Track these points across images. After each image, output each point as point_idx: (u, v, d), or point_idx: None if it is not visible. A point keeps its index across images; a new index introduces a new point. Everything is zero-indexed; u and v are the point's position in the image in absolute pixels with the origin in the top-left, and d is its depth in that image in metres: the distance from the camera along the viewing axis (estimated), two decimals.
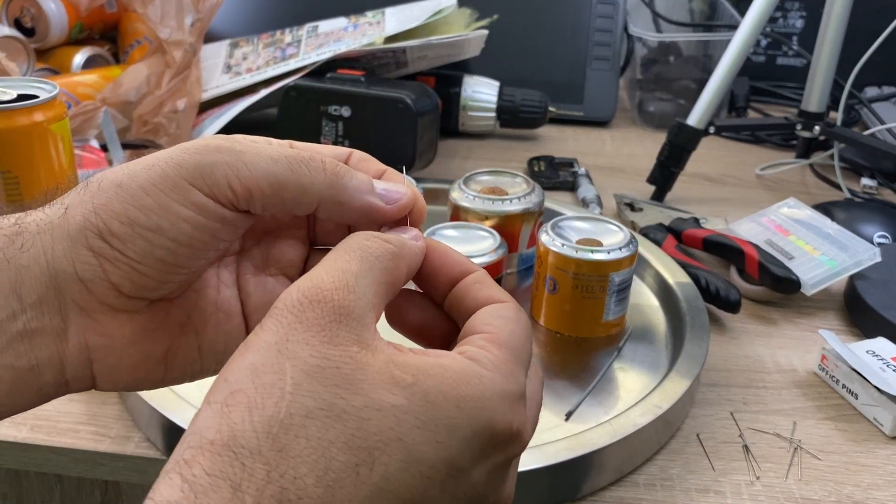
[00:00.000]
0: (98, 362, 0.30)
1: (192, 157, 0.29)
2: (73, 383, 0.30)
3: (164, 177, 0.29)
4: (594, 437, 0.45)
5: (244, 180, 0.29)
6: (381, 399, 0.25)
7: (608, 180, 0.87)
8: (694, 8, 1.13)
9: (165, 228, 0.28)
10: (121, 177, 0.29)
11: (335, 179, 0.30)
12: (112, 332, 0.30)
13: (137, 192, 0.28)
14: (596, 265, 0.55)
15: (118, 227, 0.28)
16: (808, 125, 0.84)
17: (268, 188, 0.29)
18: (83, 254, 0.28)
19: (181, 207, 0.29)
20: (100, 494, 0.52)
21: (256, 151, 0.29)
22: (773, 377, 0.57)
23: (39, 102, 0.54)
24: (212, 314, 0.33)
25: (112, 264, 0.29)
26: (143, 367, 0.31)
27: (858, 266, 0.63)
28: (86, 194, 0.29)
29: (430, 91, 0.80)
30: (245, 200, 0.29)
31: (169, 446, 0.46)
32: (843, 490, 0.47)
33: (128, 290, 0.29)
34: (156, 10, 0.81)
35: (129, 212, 0.28)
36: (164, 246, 0.29)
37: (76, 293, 0.29)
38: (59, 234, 0.29)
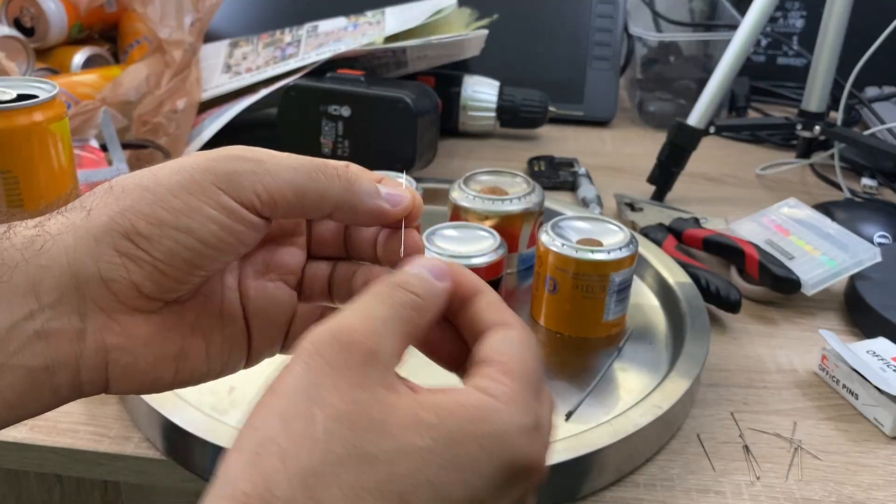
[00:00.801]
0: (113, 363, 0.31)
1: (219, 164, 0.30)
2: (87, 385, 0.31)
3: (193, 181, 0.30)
4: (594, 437, 0.45)
5: (269, 187, 0.31)
6: (410, 442, 0.26)
7: (608, 180, 0.87)
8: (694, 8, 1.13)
9: (194, 229, 0.30)
10: (147, 181, 0.30)
11: (348, 185, 0.33)
12: (129, 332, 0.31)
13: (165, 195, 0.30)
14: (596, 265, 0.55)
15: (145, 228, 0.29)
16: (809, 125, 0.84)
17: (291, 195, 0.31)
18: (107, 253, 0.29)
19: (210, 209, 0.30)
20: (99, 494, 0.52)
21: (277, 161, 0.31)
22: (774, 377, 0.57)
23: (39, 102, 0.54)
24: (217, 317, 0.34)
25: (136, 264, 0.30)
26: (156, 368, 0.32)
27: (859, 266, 0.63)
28: (110, 197, 0.30)
29: (430, 91, 0.80)
30: (269, 207, 0.31)
31: (168, 446, 0.46)
32: (843, 490, 0.47)
33: (148, 291, 0.30)
34: (155, 9, 0.81)
35: (158, 213, 0.30)
36: (191, 247, 0.30)
37: (96, 292, 0.30)
38: (83, 235, 0.29)
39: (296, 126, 0.78)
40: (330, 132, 0.77)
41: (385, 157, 0.76)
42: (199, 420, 0.45)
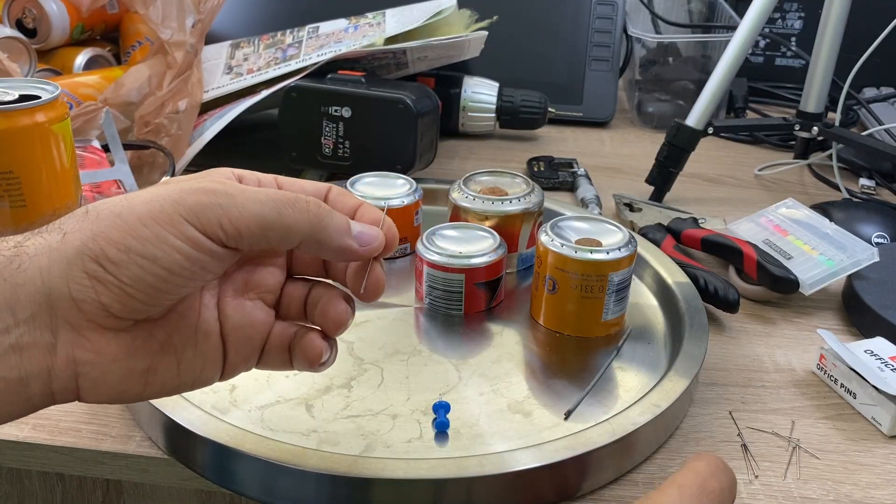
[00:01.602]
0: (83, 376, 0.33)
1: (189, 196, 0.32)
2: (59, 395, 0.33)
3: (162, 211, 0.32)
4: (593, 436, 0.45)
5: (235, 221, 0.32)
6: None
7: (607, 180, 0.87)
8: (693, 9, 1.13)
9: (159, 257, 0.31)
10: (119, 208, 0.32)
11: (317, 221, 0.34)
12: (98, 349, 0.33)
13: (135, 223, 0.31)
14: (595, 265, 0.55)
15: (114, 254, 0.31)
16: (807, 126, 0.84)
17: (256, 228, 0.33)
18: (78, 275, 0.31)
19: (175, 240, 0.32)
20: (101, 493, 0.53)
21: (247, 196, 0.33)
22: (772, 377, 0.57)
23: (41, 103, 0.55)
24: (191, 335, 0.36)
25: (104, 286, 0.31)
26: (125, 381, 0.34)
27: (857, 266, 0.64)
28: (85, 221, 0.32)
29: (430, 92, 0.81)
30: (234, 239, 0.33)
31: (170, 445, 0.46)
32: (841, 489, 0.47)
33: (116, 311, 0.32)
34: (157, 11, 0.81)
35: (126, 240, 0.31)
36: (156, 273, 0.32)
37: (67, 311, 0.32)
38: (57, 257, 0.31)
39: (297, 127, 0.78)
40: (331, 133, 0.78)
41: (385, 157, 0.77)
42: (201, 419, 0.45)
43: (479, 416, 0.49)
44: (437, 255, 0.58)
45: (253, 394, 0.50)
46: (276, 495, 0.43)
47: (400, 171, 0.69)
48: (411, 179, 0.67)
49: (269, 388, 0.50)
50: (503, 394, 0.51)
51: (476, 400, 0.50)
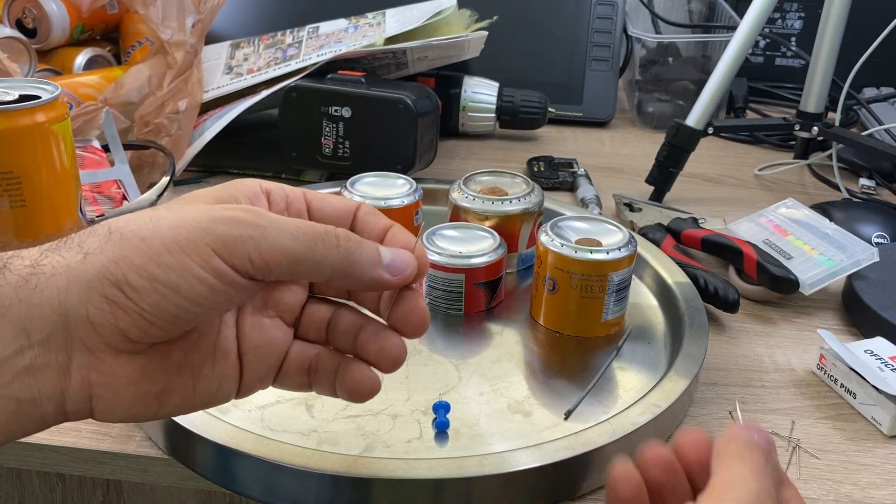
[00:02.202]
0: (97, 398, 0.32)
1: (218, 227, 0.31)
2: (72, 414, 0.32)
3: (190, 240, 0.31)
4: (593, 435, 0.45)
5: (264, 254, 0.31)
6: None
7: (607, 180, 0.87)
8: (693, 9, 1.13)
9: (183, 288, 0.30)
10: (145, 232, 0.31)
11: (347, 255, 0.33)
12: (113, 372, 0.32)
13: (161, 250, 0.30)
14: (595, 265, 0.55)
15: (136, 280, 0.30)
16: (807, 126, 0.84)
17: (286, 263, 0.32)
18: (97, 299, 0.30)
19: (201, 270, 0.31)
20: (101, 493, 0.53)
21: (277, 228, 0.32)
22: (772, 377, 0.57)
23: (41, 103, 0.54)
24: (209, 354, 0.35)
25: (124, 312, 0.30)
26: (139, 403, 0.33)
27: (857, 266, 0.64)
28: (108, 243, 0.31)
29: (430, 92, 0.81)
30: (262, 272, 0.32)
31: (170, 445, 0.46)
32: (841, 489, 0.47)
33: (134, 336, 0.31)
34: (157, 11, 0.81)
35: (150, 267, 0.30)
36: (178, 303, 0.31)
37: (84, 333, 0.31)
38: (76, 278, 0.30)
39: (297, 127, 0.78)
40: (331, 133, 0.78)
41: (385, 157, 0.77)
42: (201, 419, 0.45)
43: (479, 416, 0.49)
44: (437, 255, 0.58)
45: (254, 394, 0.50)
46: (277, 495, 0.43)
47: (400, 171, 0.69)
48: (411, 179, 0.67)
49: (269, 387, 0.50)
50: (503, 394, 0.51)
51: (476, 400, 0.51)
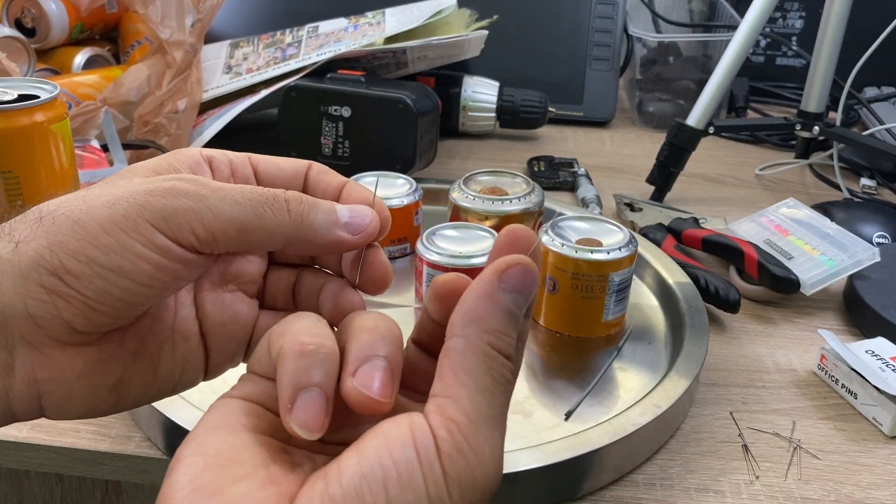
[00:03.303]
0: (46, 395, 0.29)
1: (156, 200, 0.28)
2: (21, 415, 0.30)
3: (126, 217, 0.28)
4: (594, 436, 0.45)
5: (208, 226, 0.29)
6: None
7: (608, 180, 0.87)
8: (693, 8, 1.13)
9: (126, 269, 0.28)
10: (78, 213, 0.28)
11: (300, 220, 0.30)
12: (61, 367, 0.29)
13: (96, 231, 0.28)
14: (596, 265, 0.55)
15: (74, 266, 0.28)
16: (808, 125, 0.84)
17: (233, 233, 0.29)
18: (34, 290, 0.28)
19: (144, 249, 0.28)
20: (100, 494, 0.53)
21: (220, 196, 0.29)
22: (773, 377, 0.57)
23: (40, 103, 0.54)
24: (167, 338, 0.32)
25: (66, 301, 0.28)
26: (94, 397, 0.31)
27: (858, 266, 0.64)
28: (39, 228, 0.28)
29: (430, 91, 0.80)
30: (209, 245, 0.29)
31: (169, 445, 0.46)
32: (842, 489, 0.47)
33: (80, 327, 0.29)
34: (156, 10, 0.81)
35: (87, 250, 0.28)
36: (124, 286, 0.28)
37: (24, 328, 0.28)
38: (9, 269, 0.28)
39: (296, 126, 0.78)
40: (330, 132, 0.78)
41: (385, 157, 0.76)
42: None
43: None
44: (437, 255, 0.58)
45: None
46: None
47: (400, 171, 0.69)
48: (411, 179, 0.67)
49: None
50: None
51: None
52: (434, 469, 0.25)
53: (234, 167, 0.34)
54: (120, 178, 0.31)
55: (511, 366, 0.27)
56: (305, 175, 0.35)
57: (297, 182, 0.35)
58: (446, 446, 0.25)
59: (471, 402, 0.26)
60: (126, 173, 0.31)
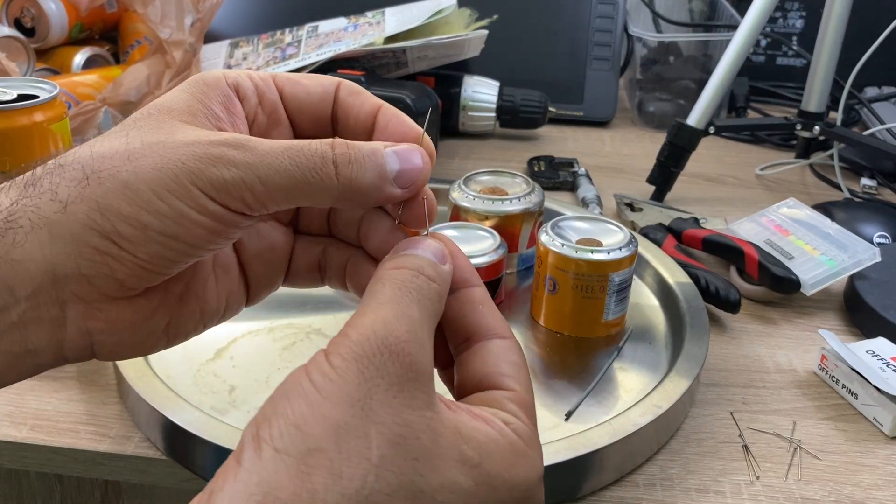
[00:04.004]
0: (99, 344, 0.30)
1: (207, 168, 0.28)
2: (72, 357, 0.30)
3: (178, 183, 0.28)
4: (594, 436, 0.45)
5: (259, 195, 0.29)
6: (454, 480, 0.25)
7: (608, 180, 0.87)
8: (694, 8, 1.13)
9: (181, 234, 0.28)
10: (125, 175, 0.28)
11: (348, 183, 0.29)
12: (113, 318, 0.30)
13: (149, 195, 0.28)
14: (596, 265, 0.55)
15: (128, 230, 0.28)
16: (808, 125, 0.84)
17: (282, 200, 0.29)
18: (87, 252, 0.28)
19: (198, 215, 0.28)
20: (100, 494, 0.52)
21: (268, 164, 0.28)
22: (773, 377, 0.57)
23: (40, 102, 0.54)
24: (209, 275, 0.33)
25: (119, 262, 0.28)
26: (146, 342, 0.32)
27: (858, 266, 0.63)
28: (86, 189, 0.28)
29: (430, 91, 0.80)
30: (259, 209, 0.29)
31: (169, 446, 0.46)
32: (842, 490, 0.47)
33: (132, 284, 0.29)
34: (156, 10, 0.81)
35: (141, 216, 0.28)
36: (177, 248, 0.29)
37: (76, 286, 0.28)
38: (59, 232, 0.28)
39: None
40: None
41: None
42: (200, 420, 0.45)
43: None
44: None
45: (252, 394, 0.50)
46: None
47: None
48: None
49: (268, 388, 0.50)
50: None
51: None
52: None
53: (260, 93, 0.33)
54: (157, 125, 0.30)
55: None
56: (335, 95, 0.34)
57: (325, 105, 0.34)
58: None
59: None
60: (160, 115, 0.30)
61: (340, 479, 0.23)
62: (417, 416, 0.25)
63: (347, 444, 0.24)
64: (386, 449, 0.24)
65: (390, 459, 0.24)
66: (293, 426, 0.24)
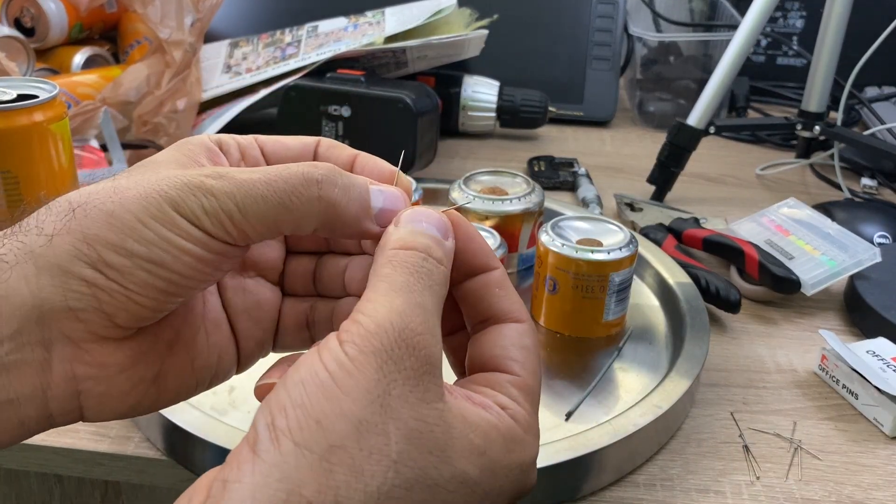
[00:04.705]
0: (86, 393, 0.29)
1: (187, 197, 0.28)
2: (59, 417, 0.29)
3: (162, 211, 0.28)
4: (594, 437, 0.45)
5: (238, 224, 0.28)
6: (464, 471, 0.26)
7: (608, 180, 0.87)
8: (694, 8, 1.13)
9: (168, 262, 0.28)
10: (110, 205, 0.28)
11: (330, 209, 0.30)
12: (101, 361, 0.29)
13: (134, 223, 0.27)
14: (596, 265, 0.55)
15: (115, 259, 0.27)
16: (809, 125, 0.84)
17: (263, 229, 0.29)
18: (74, 283, 0.27)
19: (184, 242, 0.28)
20: (99, 495, 0.52)
21: (245, 193, 0.28)
22: (774, 377, 0.57)
23: (39, 102, 0.54)
24: (200, 327, 0.33)
25: (108, 294, 0.27)
26: (134, 393, 0.30)
27: (858, 266, 0.63)
28: (72, 222, 0.28)
29: (430, 91, 0.80)
30: (242, 239, 0.29)
31: (169, 446, 0.46)
32: (843, 490, 0.47)
33: (122, 321, 0.28)
34: (156, 10, 0.81)
35: (127, 243, 0.27)
36: (166, 277, 0.28)
37: (64, 323, 0.28)
38: (44, 264, 0.27)
39: (296, 126, 0.78)
40: (330, 132, 0.77)
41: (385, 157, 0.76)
42: (200, 420, 0.45)
43: None
44: None
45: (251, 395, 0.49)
46: None
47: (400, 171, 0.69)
48: (411, 179, 0.66)
49: None
50: None
51: None
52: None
53: (242, 149, 0.34)
54: (144, 169, 0.30)
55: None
56: (315, 151, 0.35)
57: (305, 159, 0.34)
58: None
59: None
60: (149, 165, 0.31)
61: (362, 476, 0.24)
62: (431, 409, 0.26)
63: (368, 441, 0.24)
64: (404, 444, 0.25)
65: (407, 454, 0.25)
66: (314, 421, 0.24)
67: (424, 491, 0.25)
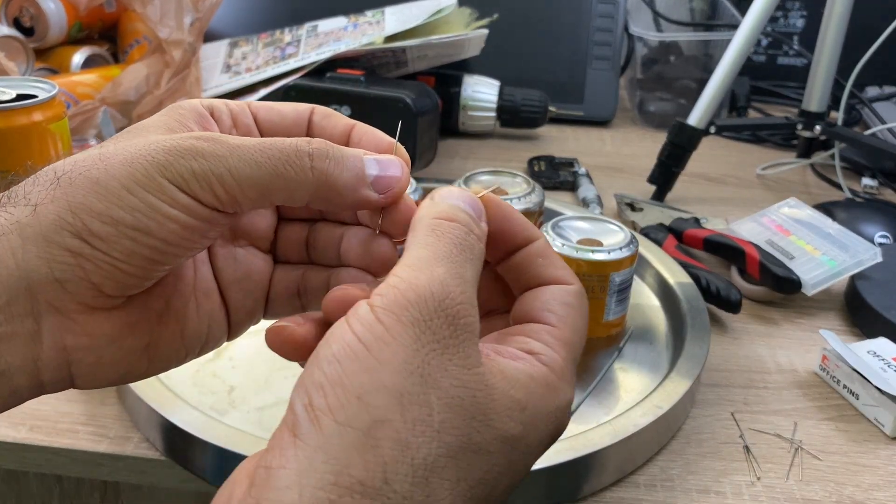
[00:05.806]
0: (77, 363, 0.29)
1: (175, 161, 0.27)
2: (50, 385, 0.29)
3: (148, 176, 0.27)
4: (595, 437, 0.45)
5: (229, 189, 0.28)
6: (507, 431, 0.26)
7: (608, 180, 0.87)
8: (694, 7, 1.13)
9: (153, 229, 0.27)
10: (96, 173, 0.27)
11: (323, 178, 0.29)
12: (91, 331, 0.29)
13: (119, 191, 0.27)
14: (596, 265, 0.54)
15: (99, 228, 0.27)
16: (809, 125, 0.84)
17: (254, 195, 0.28)
18: (59, 254, 0.27)
19: (169, 209, 0.27)
20: (99, 495, 0.52)
21: (238, 156, 0.28)
22: (774, 377, 0.57)
23: (38, 102, 0.54)
24: (190, 296, 0.32)
25: (93, 264, 0.27)
26: (125, 362, 0.30)
27: (859, 266, 0.63)
28: (57, 190, 0.27)
29: (430, 91, 0.80)
30: (231, 205, 0.28)
31: (168, 446, 0.46)
32: (843, 490, 0.47)
33: (109, 290, 0.28)
34: (155, 9, 0.81)
35: (112, 211, 0.27)
36: (152, 245, 0.28)
37: (51, 294, 0.27)
38: (30, 234, 0.27)
39: None
40: None
41: None
42: (199, 420, 0.45)
43: None
44: None
45: (251, 395, 0.49)
46: None
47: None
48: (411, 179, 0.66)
49: (268, 389, 0.50)
50: None
51: None
52: None
53: (234, 116, 0.33)
54: (132, 135, 0.30)
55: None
56: (309, 120, 0.34)
57: (299, 128, 0.34)
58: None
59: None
60: (137, 130, 0.30)
61: (409, 449, 0.23)
62: (471, 374, 0.25)
63: (411, 413, 0.24)
64: (446, 413, 0.24)
65: (450, 422, 0.24)
66: (354, 397, 0.23)
67: (469, 457, 0.25)
